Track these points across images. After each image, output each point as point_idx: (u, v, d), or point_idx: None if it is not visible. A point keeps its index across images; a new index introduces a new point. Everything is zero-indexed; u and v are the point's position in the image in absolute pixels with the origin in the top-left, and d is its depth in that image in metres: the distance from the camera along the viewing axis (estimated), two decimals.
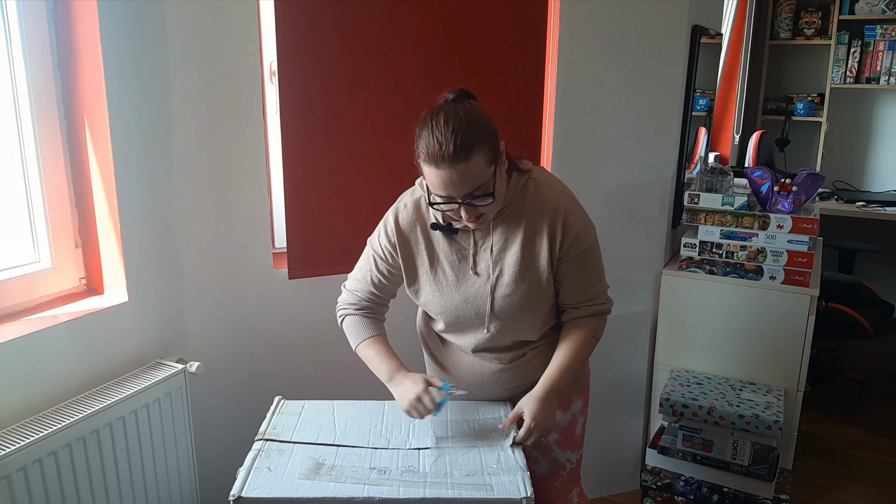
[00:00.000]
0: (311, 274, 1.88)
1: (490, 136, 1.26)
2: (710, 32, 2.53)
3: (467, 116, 1.24)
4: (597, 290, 1.46)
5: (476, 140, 1.22)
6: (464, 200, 1.25)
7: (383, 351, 1.47)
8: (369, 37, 1.81)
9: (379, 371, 1.45)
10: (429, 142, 1.22)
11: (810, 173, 2.27)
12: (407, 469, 1.27)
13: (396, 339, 1.54)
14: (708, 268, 2.34)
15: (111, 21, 1.48)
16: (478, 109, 1.29)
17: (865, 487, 2.57)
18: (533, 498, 1.19)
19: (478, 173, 1.23)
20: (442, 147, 1.20)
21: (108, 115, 1.50)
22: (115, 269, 1.61)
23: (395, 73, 1.85)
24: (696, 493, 2.22)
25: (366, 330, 1.49)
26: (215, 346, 1.84)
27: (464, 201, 1.25)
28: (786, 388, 2.27)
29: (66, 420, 1.36)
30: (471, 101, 1.32)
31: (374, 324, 1.51)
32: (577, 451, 1.61)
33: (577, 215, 1.39)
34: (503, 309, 1.38)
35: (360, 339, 1.48)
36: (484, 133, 1.24)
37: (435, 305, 1.44)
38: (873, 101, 4.20)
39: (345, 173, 1.86)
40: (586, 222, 1.41)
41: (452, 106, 1.27)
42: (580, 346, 1.43)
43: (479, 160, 1.22)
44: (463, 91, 1.32)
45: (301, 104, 1.75)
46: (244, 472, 1.24)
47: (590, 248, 1.41)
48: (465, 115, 1.24)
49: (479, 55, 1.94)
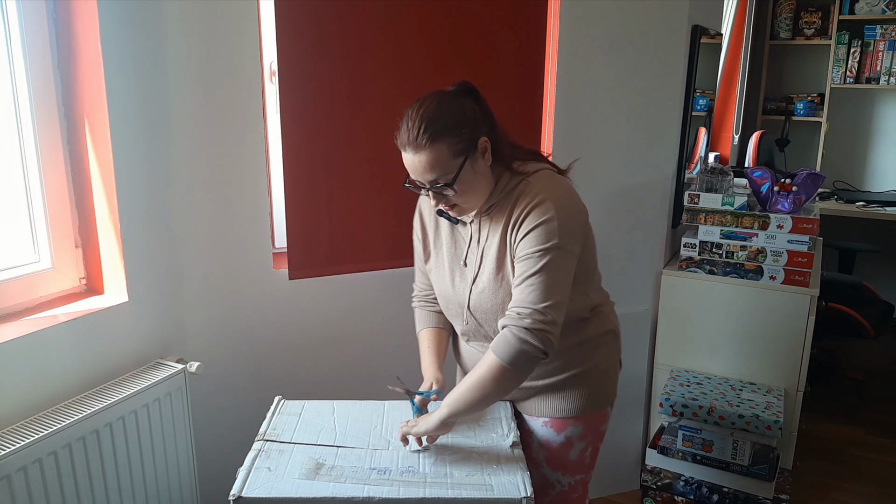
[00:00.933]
0: (311, 274, 1.88)
1: (461, 129, 1.26)
2: (710, 32, 2.52)
3: (440, 107, 1.27)
4: (532, 298, 1.25)
5: (441, 131, 1.25)
6: (430, 187, 1.30)
7: (425, 348, 1.54)
8: (370, 37, 1.80)
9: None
10: (401, 125, 1.28)
11: (810, 173, 2.27)
12: (407, 469, 1.27)
13: (398, 337, 1.54)
14: (708, 268, 2.34)
15: (111, 21, 1.48)
16: (460, 103, 1.29)
17: (865, 487, 2.57)
18: (533, 498, 1.19)
19: (439, 163, 1.26)
20: (409, 132, 1.26)
21: (108, 115, 1.50)
22: (115, 269, 1.61)
23: (395, 72, 1.85)
24: (696, 493, 2.22)
25: (419, 323, 1.59)
26: (215, 346, 1.84)
27: (430, 188, 1.30)
28: (786, 388, 2.27)
29: (66, 420, 1.36)
30: (468, 95, 1.32)
31: (429, 316, 1.57)
32: (573, 476, 1.49)
33: (542, 212, 1.27)
34: (477, 304, 1.40)
35: (417, 332, 1.59)
36: (453, 126, 1.26)
37: (436, 288, 1.52)
38: (873, 101, 4.20)
39: (345, 173, 1.86)
40: (552, 226, 1.26)
41: (437, 96, 1.30)
42: (485, 373, 1.28)
43: (441, 150, 1.26)
44: (463, 84, 1.33)
45: (301, 104, 1.75)
46: (244, 472, 1.24)
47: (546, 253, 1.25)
48: (439, 104, 1.27)
49: (479, 55, 1.94)
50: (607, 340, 1.49)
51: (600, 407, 1.47)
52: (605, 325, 1.48)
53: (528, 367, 1.29)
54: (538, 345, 1.24)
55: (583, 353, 1.44)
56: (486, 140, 1.30)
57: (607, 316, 1.50)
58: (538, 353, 1.25)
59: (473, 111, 1.30)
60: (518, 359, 1.26)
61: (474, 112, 1.30)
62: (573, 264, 1.31)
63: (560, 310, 1.27)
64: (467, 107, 1.30)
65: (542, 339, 1.24)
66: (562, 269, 1.27)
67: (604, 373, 1.48)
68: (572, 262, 1.30)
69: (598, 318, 1.47)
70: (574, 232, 1.30)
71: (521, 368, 1.27)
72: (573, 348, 1.42)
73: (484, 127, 1.31)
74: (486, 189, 1.35)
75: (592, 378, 1.45)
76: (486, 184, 1.34)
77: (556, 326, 1.26)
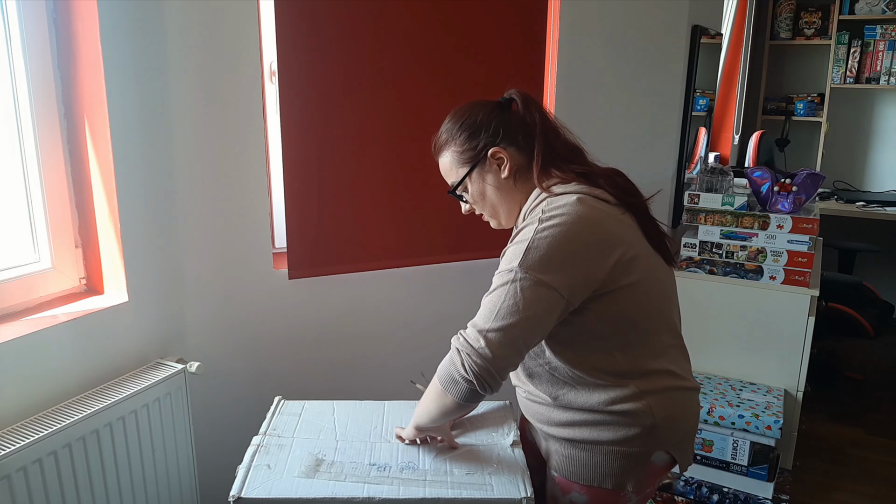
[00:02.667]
0: (311, 274, 1.88)
1: (469, 138, 1.24)
2: (710, 32, 2.53)
3: (455, 114, 1.28)
4: (475, 318, 1.12)
5: (448, 140, 1.27)
6: (449, 192, 1.32)
7: None
8: (369, 37, 1.81)
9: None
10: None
11: (810, 173, 2.27)
12: (407, 465, 1.27)
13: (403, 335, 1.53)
14: (708, 268, 2.34)
15: (111, 21, 1.48)
16: (479, 111, 1.26)
17: (865, 487, 2.56)
18: (533, 498, 1.19)
19: (446, 170, 1.30)
20: (434, 138, 1.31)
21: (108, 115, 1.50)
22: (115, 269, 1.61)
23: (395, 72, 1.85)
24: (696, 493, 2.22)
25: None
26: (215, 346, 1.84)
27: (449, 192, 1.32)
28: (786, 388, 2.27)
29: (66, 420, 1.35)
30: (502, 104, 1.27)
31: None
32: None
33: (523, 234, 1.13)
34: None
35: None
36: (459, 135, 1.25)
37: None
38: (873, 101, 4.20)
39: (345, 173, 1.86)
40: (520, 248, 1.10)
41: (466, 104, 1.30)
42: (430, 391, 1.23)
43: (446, 159, 1.29)
44: (513, 92, 1.26)
45: (301, 104, 1.75)
46: (243, 470, 1.23)
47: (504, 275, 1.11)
48: (456, 112, 1.28)
49: (479, 55, 1.94)
50: (631, 423, 1.18)
51: (611, 486, 1.21)
52: (633, 403, 1.17)
53: (460, 394, 1.13)
54: (462, 372, 1.10)
55: (595, 420, 1.19)
56: (500, 151, 1.22)
57: (642, 395, 1.18)
58: (464, 380, 1.10)
59: (487, 120, 1.24)
60: (448, 382, 1.14)
61: (488, 121, 1.23)
62: (545, 298, 1.09)
63: (505, 339, 1.08)
64: (482, 115, 1.25)
65: (468, 365, 1.09)
66: (519, 296, 1.08)
67: (622, 455, 1.19)
68: (541, 294, 1.08)
69: (626, 390, 1.18)
70: (555, 264, 1.09)
71: (452, 393, 1.14)
72: (584, 410, 1.20)
73: (504, 138, 1.22)
74: (508, 202, 1.26)
75: (604, 454, 1.20)
76: (507, 197, 1.26)
77: (495, 356, 1.08)
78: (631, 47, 2.19)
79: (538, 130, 1.23)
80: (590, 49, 2.14)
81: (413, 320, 1.61)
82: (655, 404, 1.18)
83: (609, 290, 1.13)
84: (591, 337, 1.17)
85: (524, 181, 1.25)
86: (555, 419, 1.24)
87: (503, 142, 1.23)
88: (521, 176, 1.25)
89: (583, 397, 1.20)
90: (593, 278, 1.12)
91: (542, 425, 1.28)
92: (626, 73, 2.20)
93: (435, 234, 2.01)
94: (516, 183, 1.25)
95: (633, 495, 1.24)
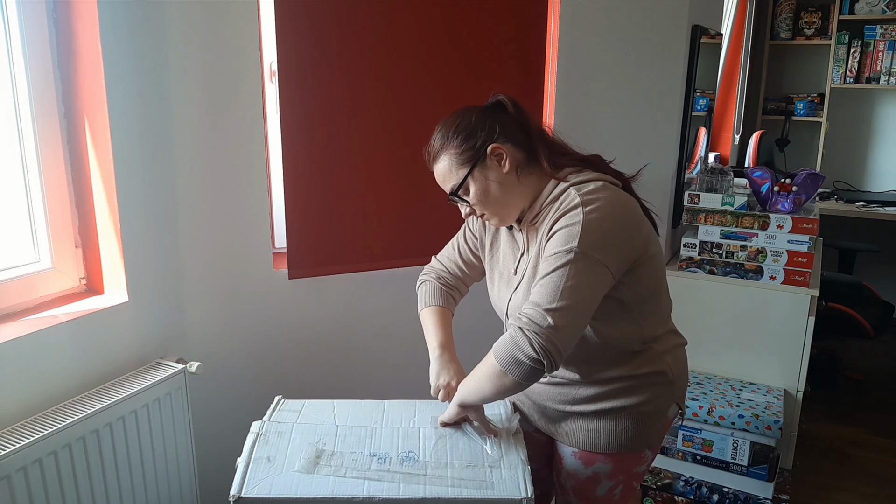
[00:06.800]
0: (311, 274, 1.89)
1: (465, 139, 1.26)
2: (710, 32, 2.53)
3: (447, 120, 1.30)
4: (537, 297, 1.15)
5: (443, 145, 1.28)
6: (449, 197, 1.32)
7: (438, 322, 1.47)
8: (369, 37, 1.81)
9: (428, 342, 1.47)
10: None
11: (810, 173, 2.27)
12: (407, 456, 1.26)
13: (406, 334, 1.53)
14: (708, 268, 2.34)
15: (111, 21, 1.48)
16: (469, 113, 1.29)
17: (865, 487, 2.57)
18: (533, 498, 1.19)
19: (444, 175, 1.30)
20: (426, 149, 1.32)
21: (108, 115, 1.50)
22: (115, 269, 1.61)
23: (395, 72, 1.85)
24: (696, 493, 2.22)
25: (432, 298, 1.51)
26: (215, 346, 1.84)
27: (450, 198, 1.32)
28: (786, 388, 2.27)
29: (66, 420, 1.35)
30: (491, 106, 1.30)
31: (444, 295, 1.51)
32: None
33: (570, 217, 1.18)
34: (512, 312, 1.34)
35: (424, 306, 1.51)
36: (455, 137, 1.26)
37: (489, 290, 1.46)
38: (873, 101, 4.20)
39: (345, 173, 1.86)
40: (574, 229, 1.15)
41: (455, 111, 1.31)
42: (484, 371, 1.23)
43: (444, 163, 1.28)
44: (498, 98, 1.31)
45: (301, 104, 1.75)
46: (243, 465, 1.23)
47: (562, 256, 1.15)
48: (448, 119, 1.30)
49: (479, 55, 1.94)
50: (656, 382, 1.32)
51: (635, 449, 1.33)
52: (657, 364, 1.31)
53: (523, 374, 1.15)
54: (529, 351, 1.11)
55: (624, 388, 1.30)
56: (499, 147, 1.24)
57: (661, 356, 1.32)
58: (530, 360, 1.12)
59: (481, 120, 1.26)
60: (509, 362, 1.15)
61: (482, 121, 1.26)
62: (601, 276, 1.16)
63: (570, 316, 1.12)
64: (474, 116, 1.27)
65: (538, 343, 1.11)
66: (580, 275, 1.13)
67: (646, 415, 1.32)
68: (598, 273, 1.15)
69: (649, 354, 1.31)
70: (607, 243, 1.16)
71: (514, 373, 1.15)
72: (614, 381, 1.30)
73: (501, 135, 1.25)
74: (512, 197, 1.28)
75: (630, 418, 1.31)
76: (511, 192, 1.28)
77: (562, 333, 1.11)
78: (631, 47, 2.19)
79: (533, 126, 1.30)
80: (590, 49, 2.14)
81: (413, 320, 1.61)
82: (672, 361, 1.34)
83: (639, 263, 1.23)
84: (622, 309, 1.25)
85: (527, 175, 1.28)
86: (580, 396, 1.33)
87: (500, 138, 1.26)
88: (522, 171, 1.28)
89: (614, 369, 1.30)
90: (633, 254, 1.22)
91: (563, 406, 1.35)
92: (625, 73, 2.20)
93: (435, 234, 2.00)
94: (519, 178, 1.28)
95: (649, 453, 1.37)
